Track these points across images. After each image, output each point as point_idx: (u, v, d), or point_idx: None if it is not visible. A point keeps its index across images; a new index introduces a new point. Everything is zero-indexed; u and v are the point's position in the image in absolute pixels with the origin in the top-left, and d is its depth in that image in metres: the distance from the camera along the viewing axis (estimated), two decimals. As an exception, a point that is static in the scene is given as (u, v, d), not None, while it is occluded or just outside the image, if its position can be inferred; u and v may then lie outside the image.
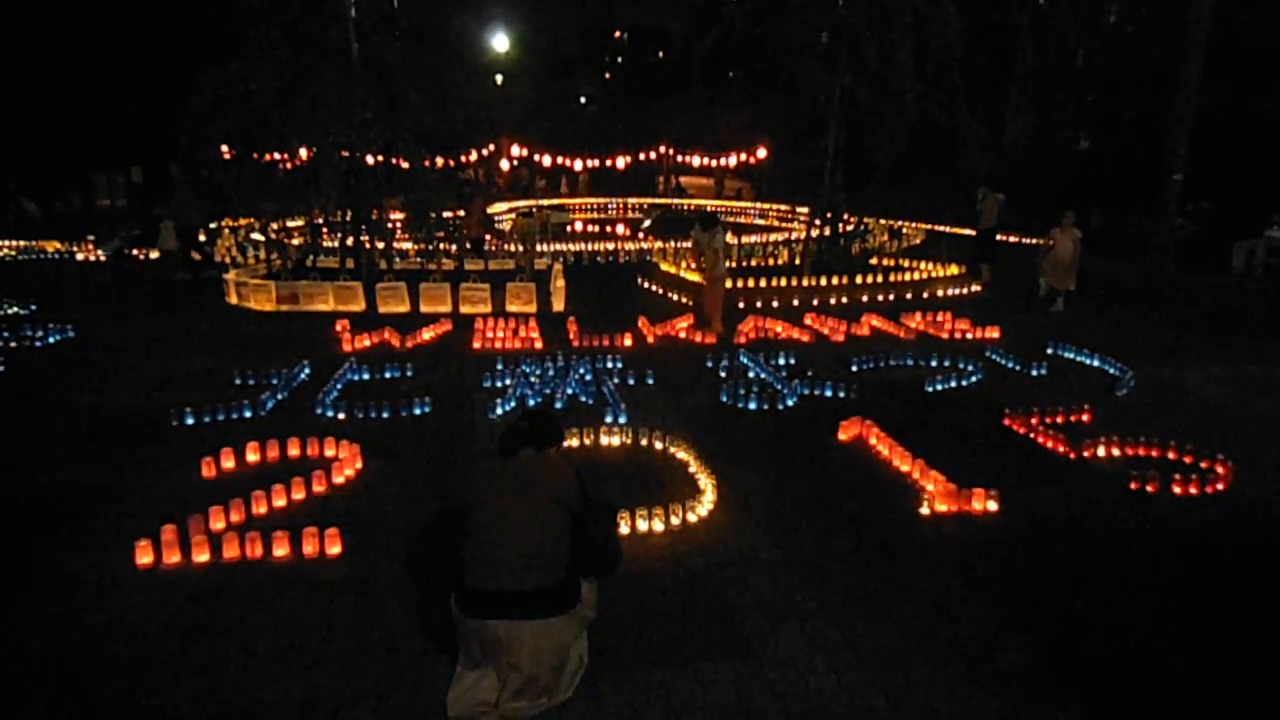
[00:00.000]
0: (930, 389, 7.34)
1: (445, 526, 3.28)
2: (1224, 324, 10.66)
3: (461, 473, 3.32)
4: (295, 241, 12.78)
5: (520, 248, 15.36)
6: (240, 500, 4.54)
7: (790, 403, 6.87)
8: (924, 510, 4.80)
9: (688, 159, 35.94)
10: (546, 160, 34.96)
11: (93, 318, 10.01)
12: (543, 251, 16.16)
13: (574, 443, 5.75)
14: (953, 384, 7.51)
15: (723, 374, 7.79)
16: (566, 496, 3.14)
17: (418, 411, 6.48)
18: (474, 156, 30.85)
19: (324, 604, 3.75)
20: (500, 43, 37.93)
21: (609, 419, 6.19)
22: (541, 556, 3.01)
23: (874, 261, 14.21)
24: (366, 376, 7.56)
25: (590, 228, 24.26)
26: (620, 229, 23.20)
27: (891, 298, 11.95)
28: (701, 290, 11.47)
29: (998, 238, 14.34)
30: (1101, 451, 5.75)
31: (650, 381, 7.47)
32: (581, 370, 7.51)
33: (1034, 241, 17.13)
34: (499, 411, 6.50)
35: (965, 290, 12.72)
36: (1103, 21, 25.48)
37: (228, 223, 17.28)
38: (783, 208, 25.51)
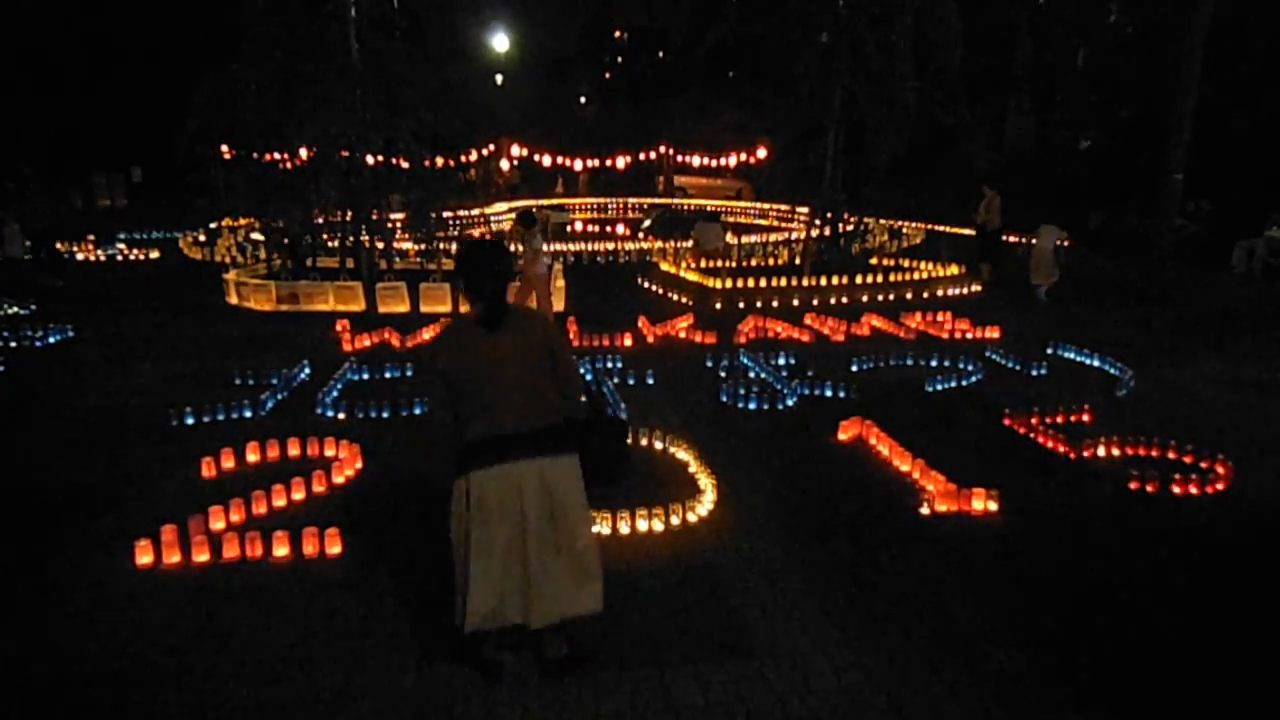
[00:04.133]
0: (930, 389, 7.34)
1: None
2: (1224, 324, 10.66)
3: (440, 345, 3.15)
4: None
5: (520, 248, 15.35)
6: (240, 500, 4.54)
7: (790, 403, 6.87)
8: (924, 510, 4.80)
9: (688, 159, 35.91)
10: (546, 160, 34.95)
11: (92, 318, 10.02)
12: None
13: (574, 443, 5.74)
14: (953, 384, 7.51)
15: (723, 374, 7.79)
16: (547, 338, 3.22)
17: (418, 411, 6.48)
18: (474, 156, 30.88)
19: (324, 604, 3.75)
20: (500, 43, 37.95)
21: (609, 419, 6.18)
22: (543, 399, 3.12)
23: (874, 261, 14.22)
24: (366, 376, 7.56)
25: (590, 228, 24.25)
26: (620, 229, 23.19)
27: (891, 298, 11.96)
28: (707, 292, 11.48)
29: (1003, 238, 14.34)
30: (1101, 451, 5.75)
31: (650, 381, 7.47)
32: (581, 370, 7.50)
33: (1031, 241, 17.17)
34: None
35: (965, 290, 12.72)
36: (1103, 21, 25.47)
37: (228, 223, 17.30)
38: (783, 208, 25.51)
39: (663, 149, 37.40)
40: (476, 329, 3.12)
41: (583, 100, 50.75)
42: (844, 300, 11.62)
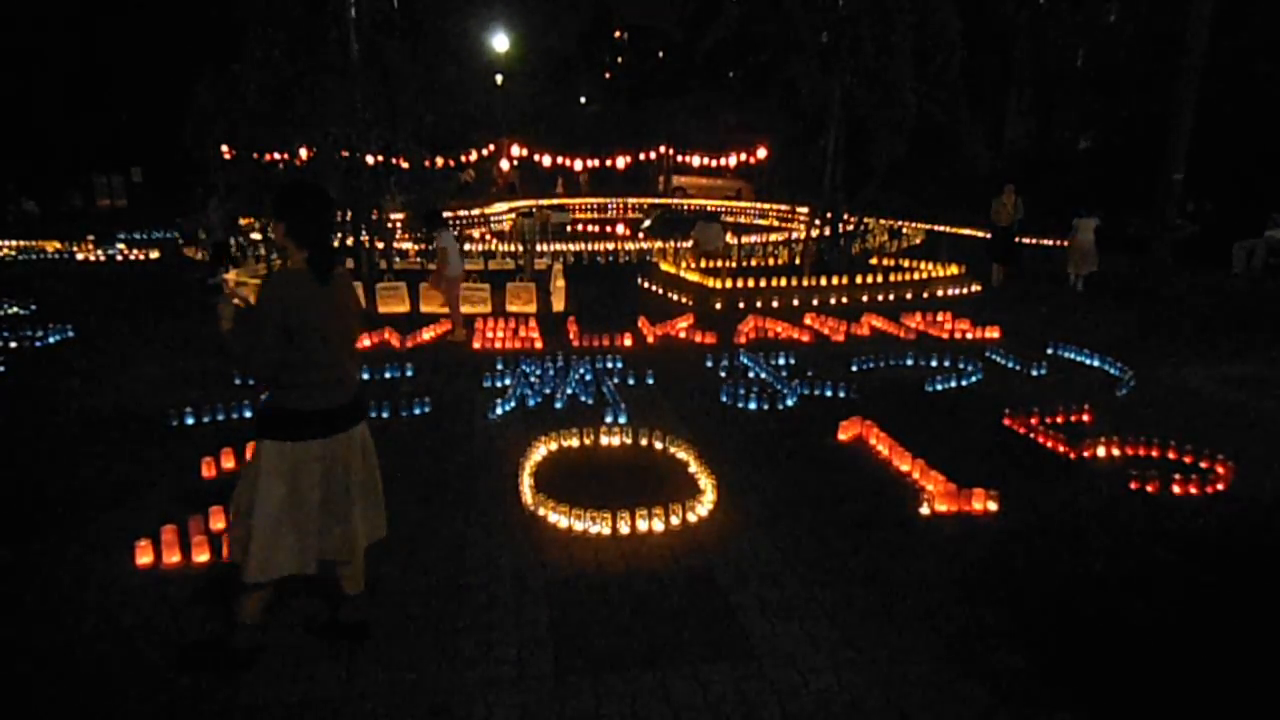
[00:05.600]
0: (930, 389, 7.34)
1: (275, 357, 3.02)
2: (1224, 324, 10.66)
3: (277, 293, 3.00)
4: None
5: (520, 248, 15.38)
6: (240, 500, 4.53)
7: (790, 403, 6.87)
8: (924, 510, 4.80)
9: (688, 159, 35.93)
10: (546, 160, 34.94)
11: (93, 318, 10.01)
12: (543, 251, 16.18)
13: (574, 443, 5.75)
14: (953, 384, 7.51)
15: (723, 374, 7.79)
16: (356, 298, 3.34)
17: (418, 411, 6.48)
18: (474, 156, 30.86)
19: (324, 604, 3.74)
20: (500, 43, 37.91)
21: (609, 419, 6.19)
22: (352, 360, 3.29)
23: (874, 261, 14.22)
24: (366, 376, 7.56)
25: (590, 228, 24.26)
26: (620, 229, 23.20)
27: (891, 298, 11.96)
28: (707, 292, 11.48)
29: (1018, 239, 14.29)
30: (1101, 451, 5.75)
31: (650, 381, 7.47)
32: (581, 370, 7.51)
33: (1038, 241, 17.20)
34: (499, 411, 6.51)
35: (965, 290, 12.72)
36: (1103, 21, 25.48)
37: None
38: (783, 208, 25.53)
39: (663, 149, 37.41)
40: (307, 280, 3.06)
41: (583, 100, 50.72)
42: (844, 300, 11.62)
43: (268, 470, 3.09)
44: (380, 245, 12.36)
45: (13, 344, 8.64)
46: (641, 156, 37.63)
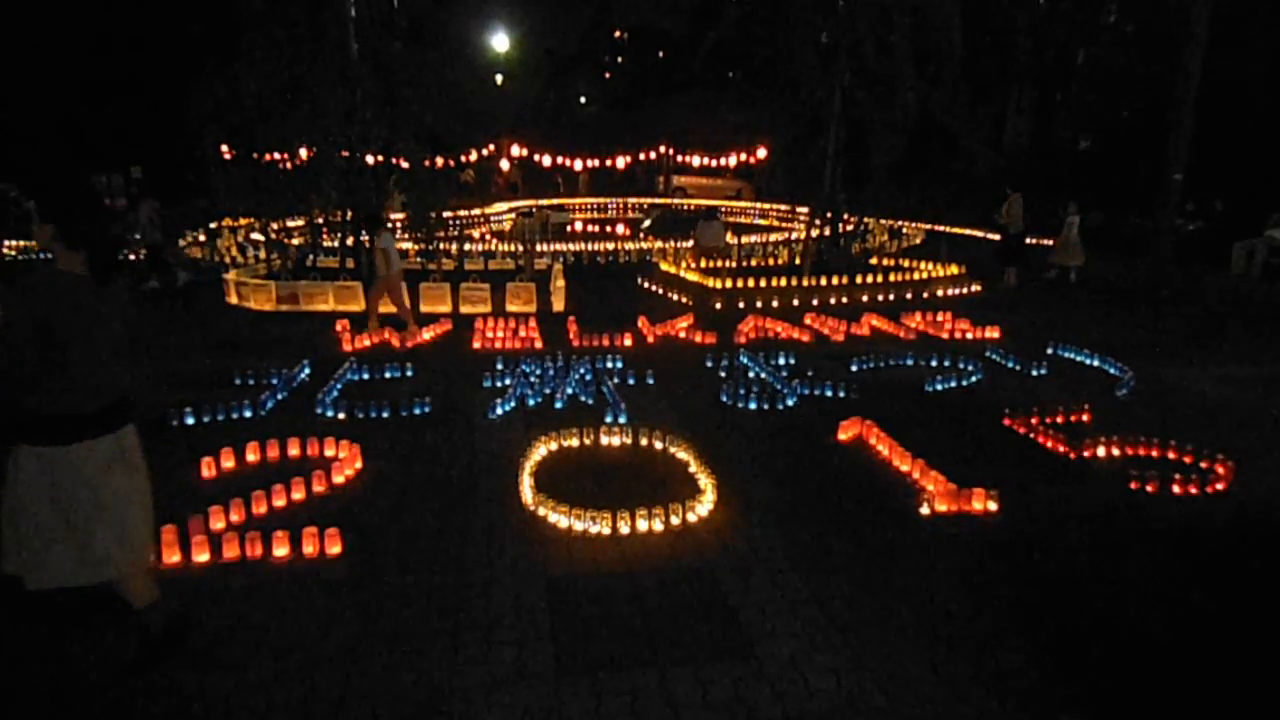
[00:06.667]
0: (930, 389, 7.34)
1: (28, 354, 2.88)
2: (1224, 324, 10.66)
3: (38, 290, 2.91)
4: (295, 241, 12.78)
5: (520, 247, 15.38)
6: (240, 500, 4.54)
7: (790, 403, 6.87)
8: (924, 510, 4.80)
9: (688, 159, 35.92)
10: (546, 160, 34.93)
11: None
12: (543, 251, 16.18)
13: (574, 443, 5.75)
14: (953, 384, 7.51)
15: (723, 374, 7.79)
16: (127, 302, 3.27)
17: (418, 411, 6.48)
18: (474, 156, 30.87)
19: (324, 604, 3.75)
20: (500, 43, 37.92)
21: (609, 419, 6.19)
22: (118, 364, 3.16)
23: (874, 261, 14.22)
24: (366, 376, 7.56)
25: (590, 228, 24.25)
26: (620, 229, 23.20)
27: (891, 298, 11.96)
28: (707, 292, 11.47)
29: (1026, 240, 14.31)
30: (1101, 451, 5.75)
31: (650, 381, 7.47)
32: (581, 370, 7.51)
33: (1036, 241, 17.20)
34: (499, 411, 6.51)
35: (965, 290, 12.72)
36: (1103, 21, 25.47)
37: (228, 223, 17.30)
38: (783, 208, 25.51)
39: (663, 149, 37.41)
40: (82, 281, 2.98)
41: (583, 100, 50.71)
42: (844, 300, 11.61)
43: (25, 479, 2.96)
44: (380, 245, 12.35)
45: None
46: (641, 156, 37.61)
